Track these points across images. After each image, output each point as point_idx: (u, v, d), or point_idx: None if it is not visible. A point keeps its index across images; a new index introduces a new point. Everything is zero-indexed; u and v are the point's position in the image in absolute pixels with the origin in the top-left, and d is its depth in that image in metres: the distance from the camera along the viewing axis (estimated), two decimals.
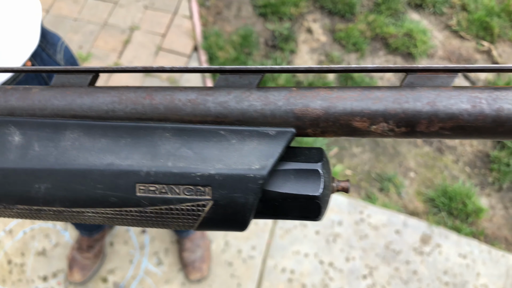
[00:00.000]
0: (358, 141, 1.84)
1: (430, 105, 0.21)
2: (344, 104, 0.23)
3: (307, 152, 0.25)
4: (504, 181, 1.77)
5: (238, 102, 0.25)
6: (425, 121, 0.21)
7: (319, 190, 0.24)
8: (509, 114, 0.20)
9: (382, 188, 1.73)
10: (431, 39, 2.14)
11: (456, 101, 0.21)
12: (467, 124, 0.21)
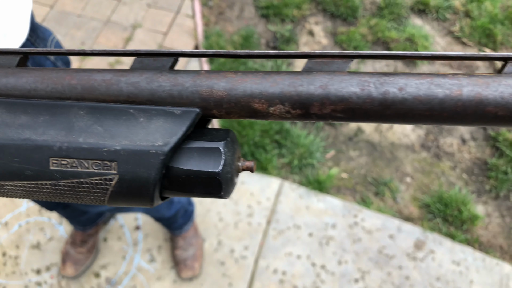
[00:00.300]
0: (355, 144, 1.84)
1: (322, 88, 0.22)
2: (245, 87, 0.24)
3: (214, 132, 0.26)
4: (501, 189, 1.76)
5: (148, 83, 0.26)
6: (317, 103, 0.22)
7: (219, 167, 0.25)
8: (394, 98, 0.21)
9: (377, 193, 1.72)
10: (433, 45, 2.13)
11: (346, 84, 0.22)
12: (356, 106, 0.22)
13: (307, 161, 1.75)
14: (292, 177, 1.73)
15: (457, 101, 0.20)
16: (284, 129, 1.81)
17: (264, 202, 1.64)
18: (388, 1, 2.23)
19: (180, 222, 1.41)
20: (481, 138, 1.89)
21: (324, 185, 1.68)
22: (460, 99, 0.20)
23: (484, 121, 0.21)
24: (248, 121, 1.79)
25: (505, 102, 0.20)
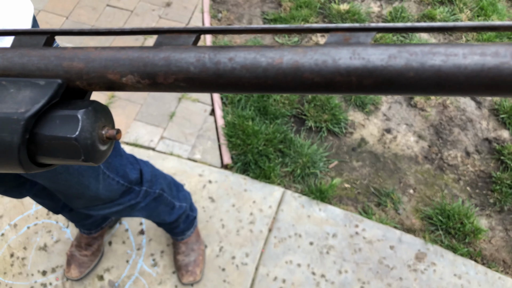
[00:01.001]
0: (358, 155, 1.86)
1: (165, 59, 0.25)
2: (101, 59, 0.27)
3: (80, 103, 0.29)
4: (505, 202, 1.75)
5: (20, 57, 0.29)
6: (161, 73, 0.25)
7: (76, 132, 0.27)
8: (225, 67, 0.23)
9: (379, 203, 1.73)
10: None
11: (185, 56, 0.25)
12: (194, 76, 0.24)
13: (310, 171, 1.77)
14: (294, 186, 1.75)
15: (278, 69, 0.22)
16: (288, 138, 1.83)
17: (266, 210, 1.66)
18: (394, 15, 2.26)
19: (182, 228, 1.43)
20: (485, 151, 1.89)
21: (326, 195, 1.70)
22: (280, 67, 0.22)
23: (305, 87, 0.22)
24: (252, 130, 1.82)
25: (319, 69, 0.22)
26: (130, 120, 1.93)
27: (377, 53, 0.21)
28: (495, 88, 0.20)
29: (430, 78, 0.21)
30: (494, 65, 0.20)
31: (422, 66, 0.21)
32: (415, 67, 0.21)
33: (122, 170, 1.03)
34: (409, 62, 0.21)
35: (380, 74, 0.21)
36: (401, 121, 1.95)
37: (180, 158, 1.78)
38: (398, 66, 0.21)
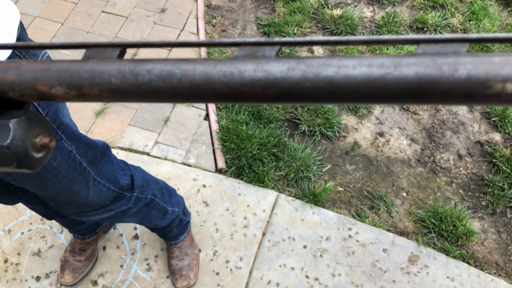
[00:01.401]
0: (352, 158, 1.87)
1: (89, 72, 0.26)
2: (31, 72, 0.28)
3: (14, 113, 0.30)
4: (498, 205, 1.77)
5: None
6: (87, 85, 0.26)
7: (7, 141, 0.28)
8: (143, 79, 0.25)
9: (372, 206, 1.74)
10: None
11: (108, 68, 0.26)
12: (116, 87, 0.26)
13: (303, 174, 1.78)
14: (288, 189, 1.76)
15: (191, 80, 0.24)
16: (281, 142, 1.85)
17: (260, 214, 1.67)
18: (387, 19, 2.28)
19: (175, 232, 1.44)
20: (478, 154, 1.90)
21: (319, 198, 1.71)
22: (193, 78, 0.24)
23: (217, 97, 0.24)
24: (246, 134, 1.83)
25: (227, 80, 0.23)
26: (125, 125, 1.94)
27: (278, 66, 0.23)
28: (382, 97, 0.22)
29: (324, 88, 0.22)
30: (379, 76, 0.22)
31: (317, 77, 0.22)
32: (311, 78, 0.22)
33: (112, 176, 1.04)
34: (305, 73, 0.22)
35: (280, 85, 0.23)
36: (394, 124, 1.97)
37: (175, 163, 1.79)
38: (296, 78, 0.23)
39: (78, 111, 1.97)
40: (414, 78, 0.21)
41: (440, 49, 0.23)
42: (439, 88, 0.21)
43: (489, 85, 0.20)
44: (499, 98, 0.21)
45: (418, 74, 0.21)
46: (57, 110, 0.80)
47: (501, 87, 0.20)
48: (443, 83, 0.21)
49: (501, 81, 0.20)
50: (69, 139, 0.85)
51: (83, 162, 0.91)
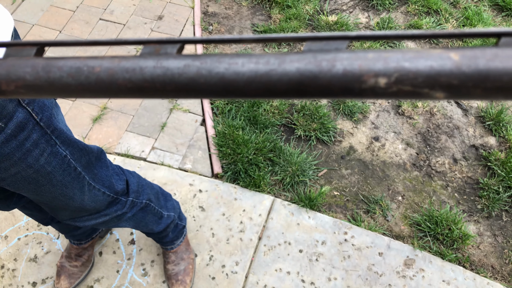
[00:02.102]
0: (347, 163, 1.88)
1: (6, 69, 0.27)
2: None
3: None
4: (493, 208, 1.77)
5: None
6: (4, 81, 0.27)
7: None
8: (55, 75, 0.26)
9: (368, 210, 1.74)
10: None
11: (23, 66, 0.27)
12: (30, 83, 0.27)
13: (299, 179, 1.79)
14: (284, 194, 1.77)
15: (97, 76, 0.25)
16: (277, 147, 1.86)
17: (256, 218, 1.68)
18: (381, 25, 2.30)
19: (171, 237, 1.45)
20: (473, 158, 1.91)
21: (315, 202, 1.71)
22: (99, 74, 0.25)
23: (123, 92, 0.25)
24: (242, 139, 1.84)
25: (129, 76, 0.24)
26: (122, 131, 1.95)
27: (175, 63, 0.24)
28: (269, 92, 0.23)
29: (217, 84, 0.23)
30: (265, 72, 0.23)
31: (210, 73, 0.23)
32: (204, 74, 0.23)
33: (108, 181, 1.05)
34: (199, 70, 0.24)
35: (178, 81, 0.24)
36: (389, 129, 1.98)
37: (171, 168, 1.80)
38: (191, 74, 0.24)
39: (75, 118, 1.98)
40: (295, 74, 0.22)
41: (324, 46, 0.24)
42: (318, 83, 0.22)
43: (363, 79, 0.21)
44: (374, 92, 0.22)
45: (299, 70, 0.22)
46: (51, 116, 0.82)
47: (374, 81, 0.21)
48: (322, 78, 0.22)
49: (374, 76, 0.21)
50: (63, 144, 0.86)
51: (77, 167, 0.92)
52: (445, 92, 0.22)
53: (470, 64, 0.21)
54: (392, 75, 0.21)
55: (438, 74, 0.21)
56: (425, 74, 0.21)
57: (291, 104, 2.03)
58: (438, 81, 0.21)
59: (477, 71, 0.21)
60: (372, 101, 2.06)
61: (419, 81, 0.21)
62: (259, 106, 1.98)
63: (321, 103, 2.03)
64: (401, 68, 0.21)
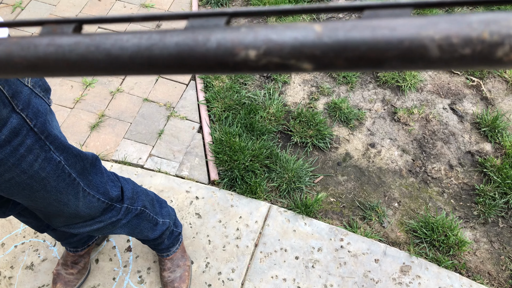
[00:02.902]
0: (343, 169, 1.88)
1: None
2: None
3: None
4: (489, 214, 1.78)
5: None
6: None
7: None
8: None
9: (364, 217, 1.75)
10: (420, 73, 2.20)
11: None
12: None
13: (295, 185, 1.79)
14: (280, 200, 1.77)
15: None
16: (274, 154, 1.87)
17: (252, 225, 1.68)
18: None
19: (167, 244, 1.45)
20: (468, 164, 1.92)
21: (311, 209, 1.72)
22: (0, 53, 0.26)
23: (20, 71, 0.26)
24: (239, 146, 1.85)
25: (25, 53, 0.25)
26: (120, 139, 1.96)
27: (68, 40, 0.25)
28: (153, 66, 0.24)
29: (104, 60, 0.24)
30: (147, 47, 0.24)
31: (97, 49, 0.25)
32: (93, 50, 0.25)
33: (102, 187, 1.05)
34: (88, 46, 0.25)
35: (69, 57, 0.25)
36: (385, 135, 1.99)
37: (168, 175, 1.81)
38: (81, 50, 0.25)
39: (73, 125, 1.99)
40: (175, 48, 0.23)
41: (204, 22, 0.25)
42: (195, 56, 0.23)
43: (235, 52, 0.22)
44: (247, 65, 0.23)
45: (178, 44, 0.23)
46: (45, 122, 0.83)
47: (245, 54, 0.22)
48: (198, 51, 0.23)
49: (244, 49, 0.22)
50: (57, 150, 0.87)
51: (72, 173, 0.93)
52: (311, 63, 0.23)
53: (330, 35, 0.22)
54: (260, 47, 0.22)
55: (302, 45, 0.22)
56: (290, 45, 0.22)
57: (287, 111, 2.04)
58: (303, 52, 0.22)
59: (337, 42, 0.22)
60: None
61: (285, 52, 0.22)
62: (256, 113, 2.00)
63: (317, 110, 2.04)
64: (269, 40, 0.22)
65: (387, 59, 0.22)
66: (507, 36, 0.21)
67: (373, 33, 0.22)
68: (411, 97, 2.12)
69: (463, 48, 0.21)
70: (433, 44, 0.22)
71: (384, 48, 0.22)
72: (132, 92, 2.14)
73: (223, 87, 2.10)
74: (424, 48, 0.22)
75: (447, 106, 2.10)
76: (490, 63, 0.22)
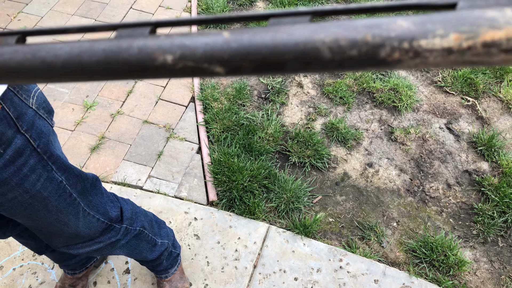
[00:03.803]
0: (342, 189, 1.89)
1: None
2: None
3: None
4: (489, 233, 1.77)
5: None
6: None
7: None
8: None
9: (363, 237, 1.75)
10: (416, 94, 2.24)
11: None
12: None
13: (294, 206, 1.80)
14: (279, 221, 1.77)
15: None
16: (272, 174, 1.88)
17: (251, 246, 1.68)
18: None
19: (165, 265, 1.45)
20: (466, 183, 1.93)
21: (310, 229, 1.72)
22: None
23: None
24: (238, 166, 1.87)
25: None
26: (119, 160, 1.98)
27: (9, 49, 0.28)
28: (85, 72, 0.27)
29: (40, 66, 0.27)
30: (77, 54, 0.26)
31: (33, 56, 0.27)
32: (29, 57, 0.27)
33: (102, 207, 1.06)
34: (26, 54, 0.27)
35: (9, 65, 0.28)
36: (383, 155, 2.00)
37: (167, 196, 1.82)
38: (19, 58, 0.27)
39: (73, 147, 2.02)
40: (102, 54, 0.26)
41: (131, 32, 0.27)
42: (120, 62, 0.25)
43: (154, 57, 0.25)
44: (166, 69, 0.25)
45: (105, 50, 0.26)
46: (48, 142, 0.85)
47: (163, 58, 0.25)
48: (121, 56, 0.25)
49: (162, 53, 0.25)
50: (59, 170, 0.89)
51: (73, 193, 0.94)
52: (222, 67, 0.25)
53: (236, 40, 0.24)
54: (176, 52, 0.25)
55: (212, 49, 0.24)
56: (201, 50, 0.24)
57: (285, 131, 2.07)
58: (214, 56, 0.24)
59: (242, 46, 0.24)
60: (365, 128, 2.09)
61: (197, 57, 0.24)
62: (254, 133, 2.02)
63: (315, 130, 2.06)
64: (183, 45, 0.25)
65: (286, 61, 0.25)
66: (387, 38, 0.23)
67: (273, 37, 0.24)
68: (407, 117, 2.15)
69: (351, 49, 0.23)
70: (324, 46, 0.24)
71: (282, 51, 0.24)
72: (132, 114, 2.17)
73: (222, 109, 2.13)
74: (317, 50, 0.24)
75: (444, 125, 2.13)
76: (376, 64, 0.24)
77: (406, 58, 0.24)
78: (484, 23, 0.23)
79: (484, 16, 0.23)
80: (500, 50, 0.23)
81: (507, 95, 2.23)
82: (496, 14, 0.23)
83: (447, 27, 0.23)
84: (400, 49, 0.23)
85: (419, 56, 0.23)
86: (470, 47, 0.23)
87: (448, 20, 0.23)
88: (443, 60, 0.24)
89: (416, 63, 0.24)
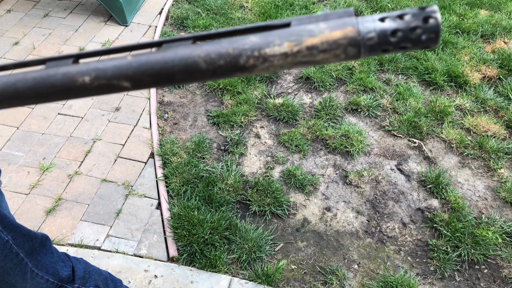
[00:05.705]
0: (302, 235, 1.92)
1: None
2: None
3: None
4: (445, 269, 1.83)
5: None
6: None
7: None
8: None
9: (325, 282, 1.75)
10: (367, 139, 2.37)
11: None
12: None
13: (256, 255, 1.80)
14: (241, 272, 1.76)
15: None
16: (233, 225, 1.89)
17: None
18: (324, 104, 2.52)
19: None
20: (420, 220, 2.01)
21: (273, 278, 1.71)
22: None
23: None
24: (198, 219, 1.87)
25: None
26: (76, 221, 1.93)
27: None
28: (19, 97, 0.34)
29: None
30: (13, 82, 0.33)
31: None
32: None
33: (52, 267, 1.04)
34: None
35: None
36: (339, 198, 2.07)
37: (126, 255, 1.78)
38: None
39: (28, 211, 1.96)
40: (33, 81, 0.33)
41: (58, 63, 0.34)
42: (48, 86, 0.32)
43: (75, 79, 0.32)
44: (85, 88, 0.33)
45: (35, 78, 0.32)
46: None
47: (82, 80, 0.32)
48: (49, 81, 0.32)
49: (81, 76, 0.32)
50: (5, 229, 0.88)
51: (20, 252, 0.93)
52: (128, 82, 0.33)
53: (136, 60, 0.33)
54: (92, 74, 0.32)
55: (119, 69, 0.32)
56: (111, 70, 0.32)
57: (245, 181, 2.11)
58: (121, 74, 0.32)
59: (141, 64, 0.32)
60: (321, 173, 2.17)
61: (108, 75, 0.32)
62: (214, 185, 2.05)
63: (273, 178, 2.12)
64: (97, 68, 0.32)
65: (175, 73, 0.33)
66: (243, 49, 0.32)
67: (163, 56, 0.33)
68: (360, 160, 2.26)
69: (219, 60, 0.32)
70: (200, 59, 0.32)
71: (171, 65, 0.32)
72: (90, 173, 2.15)
73: (182, 162, 2.17)
74: (196, 62, 0.32)
75: (394, 167, 2.24)
76: (239, 70, 0.33)
77: (258, 63, 0.33)
78: (306, 34, 0.32)
79: (306, 29, 0.32)
80: (319, 51, 0.32)
81: (448, 135, 2.40)
82: (313, 27, 0.32)
83: (282, 38, 0.32)
84: (253, 56, 0.32)
85: (267, 61, 0.33)
86: (299, 51, 0.32)
87: (283, 34, 0.32)
88: (284, 62, 0.33)
89: (267, 66, 0.33)
